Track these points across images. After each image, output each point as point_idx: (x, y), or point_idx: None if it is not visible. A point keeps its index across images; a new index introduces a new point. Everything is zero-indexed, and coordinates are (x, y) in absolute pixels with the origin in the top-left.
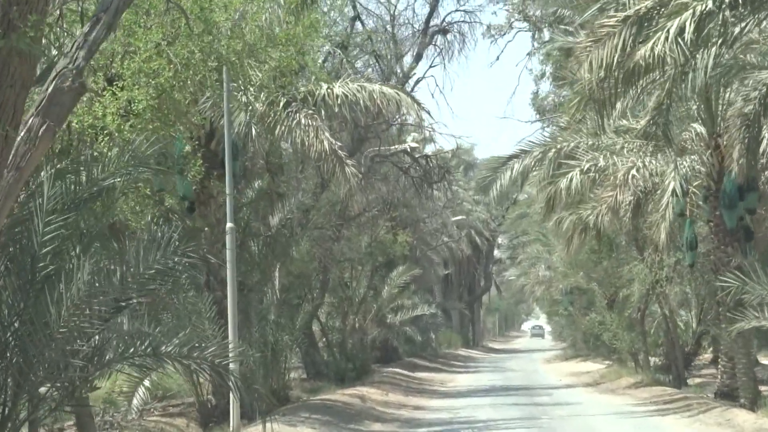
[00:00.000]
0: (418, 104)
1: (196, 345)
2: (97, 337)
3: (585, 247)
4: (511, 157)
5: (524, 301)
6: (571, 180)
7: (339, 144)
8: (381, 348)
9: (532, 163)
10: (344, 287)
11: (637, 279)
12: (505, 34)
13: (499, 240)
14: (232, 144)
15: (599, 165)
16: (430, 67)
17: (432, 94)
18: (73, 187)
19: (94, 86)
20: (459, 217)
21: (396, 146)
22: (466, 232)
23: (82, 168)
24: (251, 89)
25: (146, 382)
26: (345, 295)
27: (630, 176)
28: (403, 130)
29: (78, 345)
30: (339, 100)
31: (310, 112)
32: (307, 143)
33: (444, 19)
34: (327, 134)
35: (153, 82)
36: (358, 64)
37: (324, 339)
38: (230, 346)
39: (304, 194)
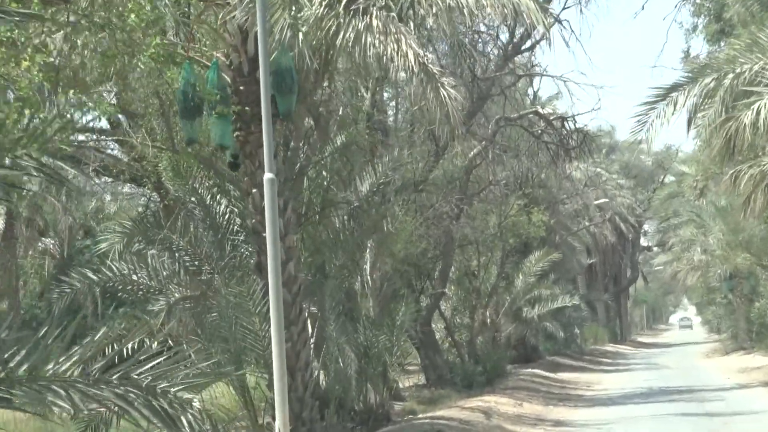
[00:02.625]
0: (545, 10)
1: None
2: None
3: (762, 216)
4: (673, 88)
5: (672, 291)
6: (757, 112)
7: (430, 57)
8: (517, 346)
9: (702, 95)
10: (471, 276)
11: None
12: None
13: (645, 227)
14: (286, 70)
15: None
16: (564, 8)
17: (567, 43)
18: None
19: None
20: (602, 200)
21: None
22: (610, 217)
23: None
24: None
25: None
26: (472, 286)
27: None
28: (532, 88)
29: None
30: (434, 8)
31: (385, 13)
32: (385, 58)
33: None
34: (412, 43)
35: None
36: None
37: (449, 338)
38: (275, 352)
39: (412, 158)
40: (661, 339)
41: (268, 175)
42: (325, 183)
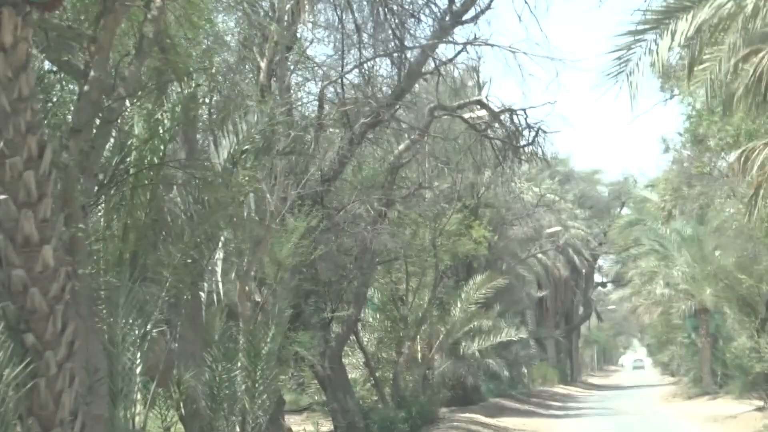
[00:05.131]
0: None
1: None
2: None
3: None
4: (668, 12)
5: (624, 332)
6: None
7: None
8: (455, 387)
9: (717, 19)
10: (399, 302)
11: None
12: None
13: (600, 262)
14: None
15: None
16: None
17: (519, 17)
18: None
19: None
20: (555, 228)
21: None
22: (563, 248)
23: None
24: None
25: None
26: (399, 314)
27: None
28: (477, 73)
29: None
30: None
31: None
32: None
33: None
34: None
35: None
36: None
37: (371, 377)
38: None
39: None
40: (612, 380)
41: None
42: (159, 143)
